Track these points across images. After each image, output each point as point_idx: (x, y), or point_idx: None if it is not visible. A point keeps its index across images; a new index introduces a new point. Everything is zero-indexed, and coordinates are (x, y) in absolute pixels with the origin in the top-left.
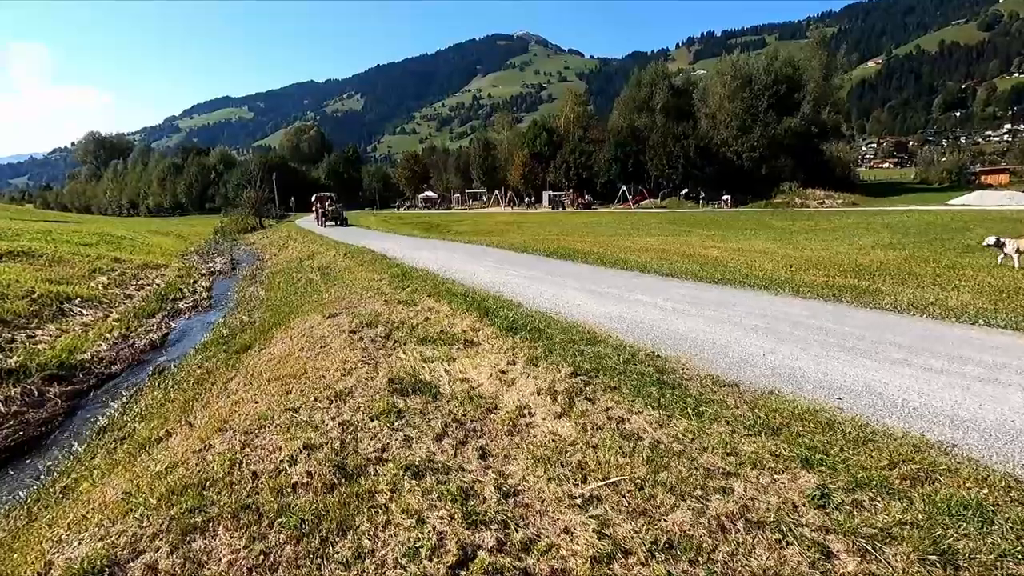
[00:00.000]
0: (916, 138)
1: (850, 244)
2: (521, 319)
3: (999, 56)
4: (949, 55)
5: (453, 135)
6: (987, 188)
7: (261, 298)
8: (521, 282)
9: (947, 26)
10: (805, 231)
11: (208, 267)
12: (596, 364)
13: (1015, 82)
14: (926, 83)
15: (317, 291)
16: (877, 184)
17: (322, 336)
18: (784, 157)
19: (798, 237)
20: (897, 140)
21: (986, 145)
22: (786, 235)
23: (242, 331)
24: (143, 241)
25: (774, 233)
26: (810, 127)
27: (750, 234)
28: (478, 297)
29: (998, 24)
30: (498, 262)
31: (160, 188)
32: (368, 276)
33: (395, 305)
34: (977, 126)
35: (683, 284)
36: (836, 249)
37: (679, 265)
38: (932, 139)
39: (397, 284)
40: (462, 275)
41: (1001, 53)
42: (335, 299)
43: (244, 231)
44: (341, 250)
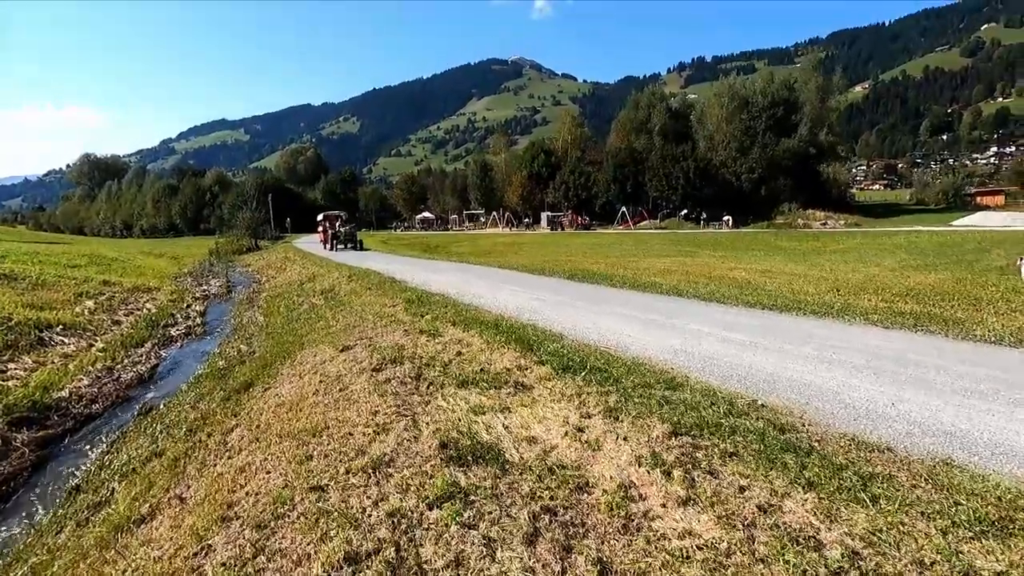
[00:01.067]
0: (904, 160)
1: (876, 265)
2: (573, 354)
3: (983, 81)
4: (934, 80)
5: (448, 158)
6: (983, 209)
7: (260, 324)
8: (552, 308)
9: (931, 52)
10: (815, 252)
11: (202, 290)
12: (694, 418)
13: (999, 106)
14: (912, 107)
15: (322, 318)
16: (873, 205)
17: (339, 375)
18: (783, 178)
19: (814, 258)
20: (886, 163)
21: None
22: (800, 256)
23: (240, 363)
24: (135, 263)
25: (786, 254)
26: (808, 148)
27: (761, 255)
28: (511, 326)
29: (980, 51)
30: (519, 285)
31: (154, 209)
32: (378, 301)
33: (417, 336)
34: (964, 149)
35: (732, 310)
36: (867, 271)
37: (715, 289)
38: (920, 161)
39: (414, 311)
40: (483, 300)
41: (984, 78)
42: (345, 328)
43: (240, 252)
44: (344, 272)
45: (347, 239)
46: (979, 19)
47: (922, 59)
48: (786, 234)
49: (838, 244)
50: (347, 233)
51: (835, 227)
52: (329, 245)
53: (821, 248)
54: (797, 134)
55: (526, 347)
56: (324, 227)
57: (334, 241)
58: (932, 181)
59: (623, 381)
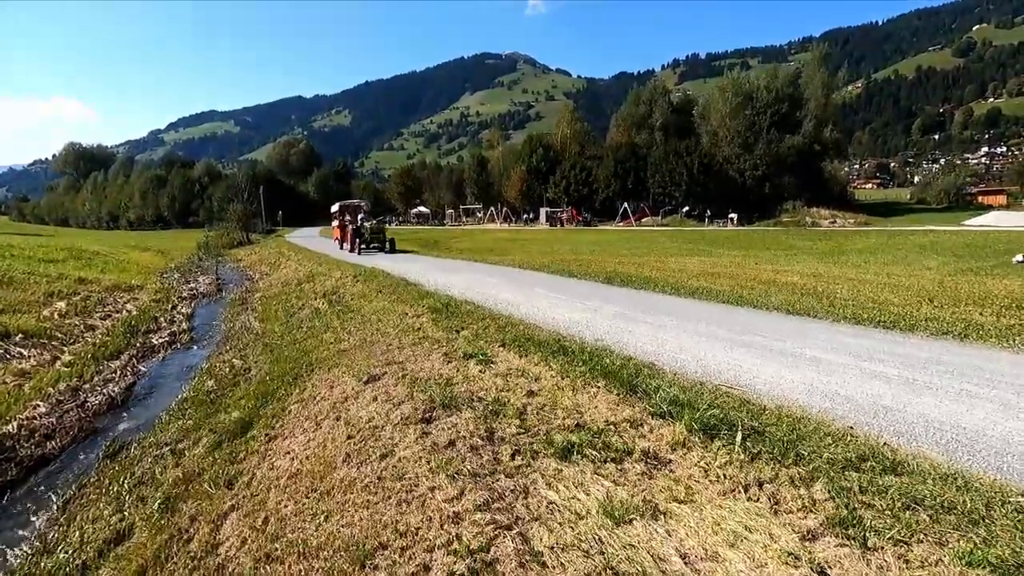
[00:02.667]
0: (897, 160)
1: (923, 268)
2: (693, 398)
3: (974, 81)
4: (926, 80)
5: (441, 152)
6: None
7: (256, 331)
8: (614, 323)
9: (923, 52)
10: (836, 252)
11: (190, 288)
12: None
13: (990, 107)
14: (904, 107)
15: (330, 327)
16: (875, 204)
17: (373, 425)
18: (787, 175)
19: (844, 258)
20: (879, 162)
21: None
22: (826, 256)
23: (234, 384)
24: (119, 257)
25: (811, 255)
26: (812, 145)
27: (784, 255)
28: (581, 349)
29: (972, 51)
30: (554, 291)
31: (142, 201)
32: (396, 309)
33: (463, 363)
34: (956, 148)
35: (839, 328)
36: (921, 275)
37: (788, 298)
38: (912, 161)
39: (445, 323)
40: (522, 310)
41: (976, 78)
42: (361, 343)
43: (230, 246)
44: (348, 272)
45: (375, 237)
46: (970, 19)
47: (914, 59)
48: (796, 232)
49: (856, 244)
50: (373, 229)
51: (844, 226)
52: (351, 246)
53: (841, 248)
54: (802, 130)
55: (623, 386)
56: (342, 221)
57: (357, 241)
58: (933, 180)
59: (803, 453)
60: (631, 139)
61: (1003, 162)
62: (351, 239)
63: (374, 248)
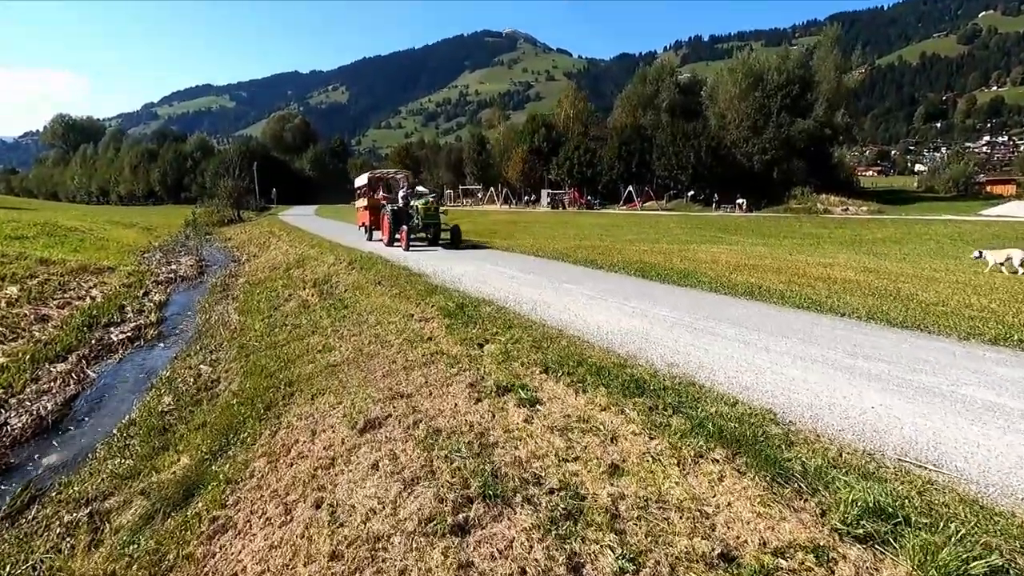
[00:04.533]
0: (898, 147)
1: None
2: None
3: (978, 69)
4: (930, 67)
5: (439, 131)
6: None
7: (233, 326)
8: (681, 337)
9: (928, 38)
10: (858, 241)
11: (169, 270)
12: None
13: (993, 95)
14: (908, 94)
15: (318, 328)
16: (882, 191)
17: (370, 529)
18: (796, 160)
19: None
20: (880, 149)
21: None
22: (852, 246)
23: (194, 403)
24: (99, 234)
25: (837, 244)
26: (823, 129)
27: (806, 244)
28: (659, 383)
29: (977, 38)
30: (582, 285)
31: (132, 175)
32: (399, 307)
33: (496, 400)
34: (958, 137)
35: (980, 352)
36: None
37: (876, 305)
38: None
39: (463, 332)
40: (554, 312)
41: (980, 66)
42: (356, 356)
43: (220, 224)
44: (342, 256)
45: (429, 225)
46: (976, 6)
47: (919, 44)
48: (809, 220)
49: (875, 233)
50: (426, 211)
51: (857, 213)
52: (389, 236)
53: (861, 237)
54: (813, 114)
55: (762, 464)
56: (371, 199)
57: (404, 229)
58: (941, 169)
59: None
60: (636, 120)
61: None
62: (388, 226)
63: (425, 239)
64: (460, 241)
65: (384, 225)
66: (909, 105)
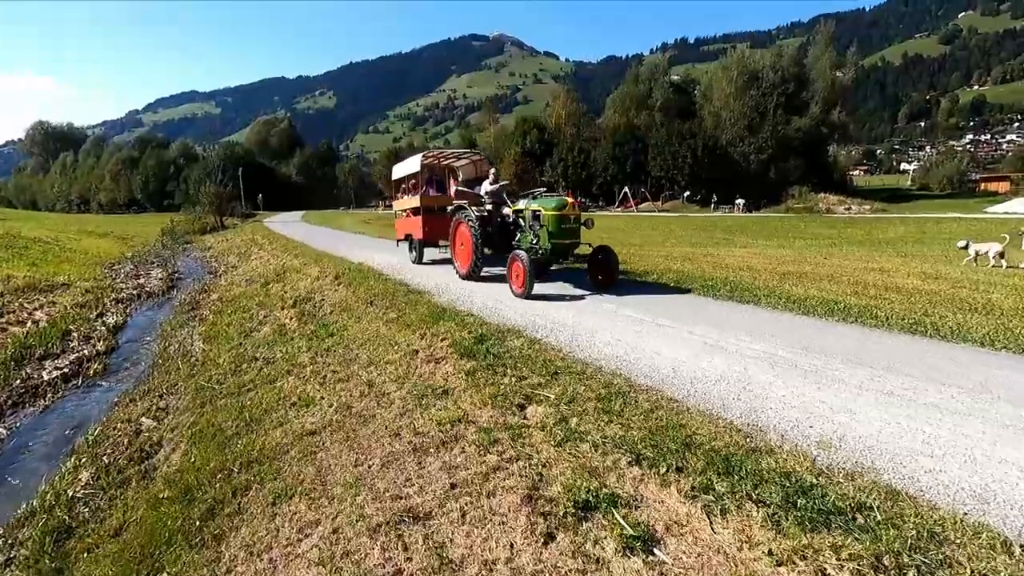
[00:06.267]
0: (884, 147)
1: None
2: None
3: (960, 69)
4: (912, 67)
5: (428, 135)
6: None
7: (194, 359)
8: (794, 386)
9: (910, 39)
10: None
11: (136, 284)
12: None
13: (975, 94)
14: (891, 93)
15: (295, 366)
16: (876, 190)
17: None
18: (793, 159)
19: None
20: (866, 148)
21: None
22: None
23: (120, 483)
24: (67, 245)
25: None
26: (819, 127)
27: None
28: (833, 490)
29: (957, 38)
30: (619, 303)
31: (114, 183)
32: (399, 339)
33: (574, 533)
34: (941, 136)
35: None
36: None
37: (989, 325)
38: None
39: (489, 381)
40: (600, 344)
41: (962, 66)
42: (339, 418)
43: (202, 232)
44: (328, 268)
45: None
46: (956, 7)
47: (901, 45)
48: (813, 219)
49: (887, 233)
50: (562, 227)
51: (861, 212)
52: (464, 263)
53: (874, 237)
54: (809, 112)
55: None
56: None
57: (524, 260)
58: (934, 167)
59: None
60: (629, 121)
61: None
62: (472, 247)
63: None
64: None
65: (462, 246)
66: (893, 105)
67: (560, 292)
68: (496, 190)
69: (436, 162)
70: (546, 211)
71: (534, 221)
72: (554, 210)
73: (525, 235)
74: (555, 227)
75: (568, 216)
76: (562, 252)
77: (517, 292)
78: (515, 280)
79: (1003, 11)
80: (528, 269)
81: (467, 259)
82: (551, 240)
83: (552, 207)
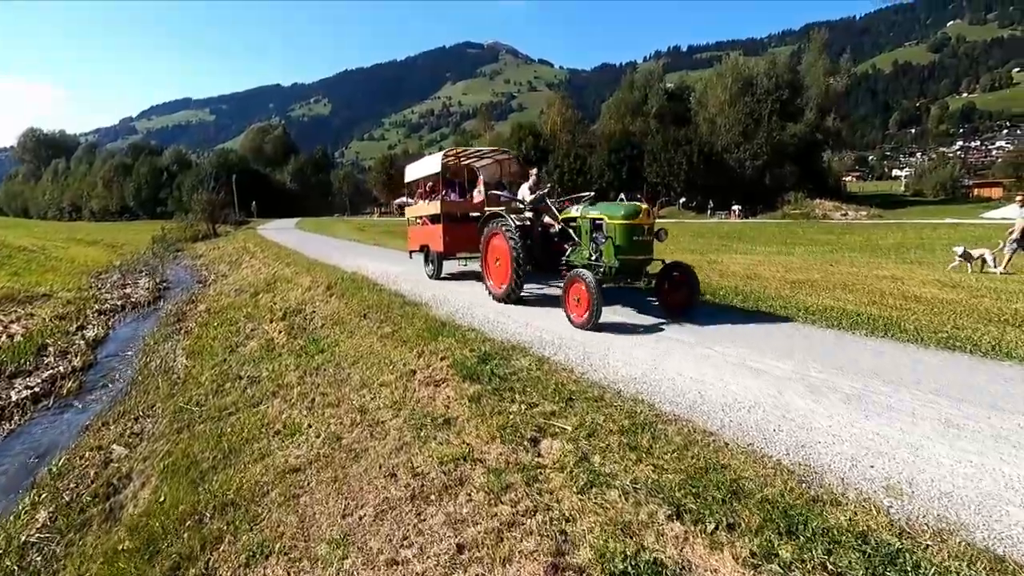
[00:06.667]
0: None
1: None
2: None
3: (949, 76)
4: (903, 74)
5: (423, 142)
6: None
7: (176, 377)
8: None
9: (900, 47)
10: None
11: (122, 295)
12: None
13: (965, 102)
14: (882, 101)
15: (282, 387)
16: (870, 196)
17: None
18: (788, 165)
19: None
20: (858, 155)
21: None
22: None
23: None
24: (54, 253)
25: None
26: (814, 133)
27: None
28: (925, 557)
29: (946, 46)
30: (631, 315)
31: (106, 190)
32: (395, 357)
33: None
34: (932, 142)
35: None
36: None
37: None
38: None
39: (495, 409)
40: (615, 364)
41: (951, 73)
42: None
43: (194, 239)
44: (320, 277)
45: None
46: (945, 15)
47: (891, 53)
48: (810, 225)
49: (887, 239)
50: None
51: (857, 218)
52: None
53: (877, 243)
54: (803, 118)
55: None
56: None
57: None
58: (928, 173)
59: None
60: (625, 127)
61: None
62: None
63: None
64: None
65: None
66: (884, 112)
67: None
68: (539, 195)
69: (456, 162)
70: (612, 220)
71: (596, 232)
72: (623, 218)
73: (580, 249)
74: (624, 240)
75: (641, 226)
76: (632, 271)
77: (578, 322)
78: (575, 306)
79: (990, 20)
80: (595, 293)
81: (504, 277)
82: (618, 256)
83: (621, 215)
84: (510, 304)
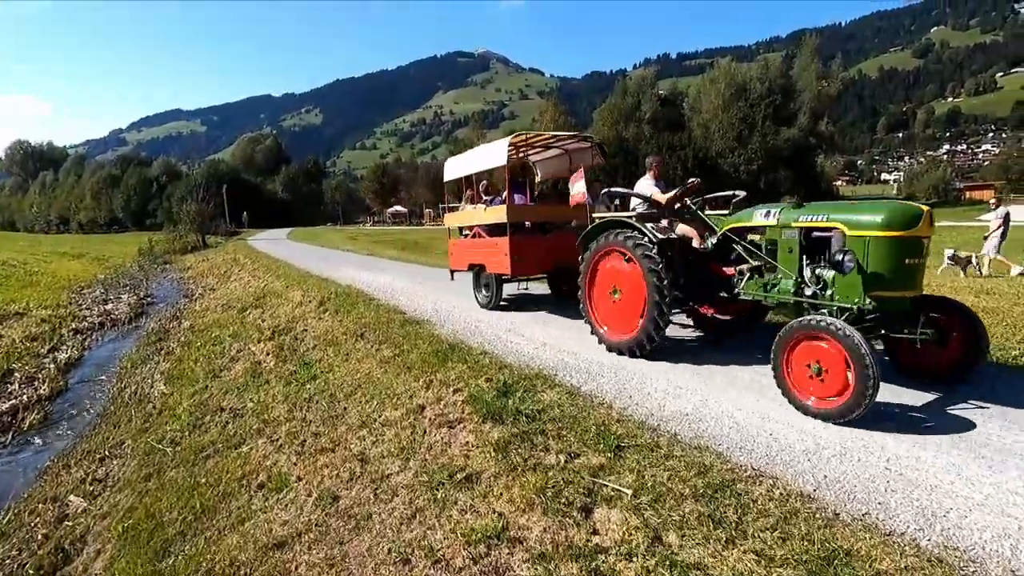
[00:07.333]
0: (864, 157)
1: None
2: None
3: (934, 81)
4: (888, 80)
5: (415, 151)
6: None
7: (152, 406)
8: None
9: (885, 53)
10: None
11: (103, 311)
12: None
13: (950, 106)
14: (869, 106)
15: (268, 423)
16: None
17: None
18: (782, 170)
19: None
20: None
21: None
22: None
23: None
24: (33, 268)
25: None
26: (807, 138)
27: None
28: None
29: (931, 52)
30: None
31: (94, 202)
32: (397, 386)
33: None
34: (919, 146)
35: None
36: None
37: None
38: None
39: (529, 461)
40: (656, 395)
41: (935, 79)
42: (323, 515)
43: (182, 251)
44: (312, 292)
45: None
46: (928, 21)
47: (877, 59)
48: None
49: None
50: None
51: None
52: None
53: None
54: (797, 123)
55: None
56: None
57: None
58: (919, 176)
59: None
60: (618, 134)
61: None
62: (655, 294)
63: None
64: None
65: (615, 292)
66: (871, 116)
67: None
68: (677, 195)
69: (515, 153)
70: (866, 231)
71: (842, 253)
72: (888, 228)
73: (776, 277)
74: (888, 264)
75: (919, 241)
76: (899, 314)
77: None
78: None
79: (972, 26)
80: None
81: (633, 319)
82: (874, 291)
83: (881, 222)
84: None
